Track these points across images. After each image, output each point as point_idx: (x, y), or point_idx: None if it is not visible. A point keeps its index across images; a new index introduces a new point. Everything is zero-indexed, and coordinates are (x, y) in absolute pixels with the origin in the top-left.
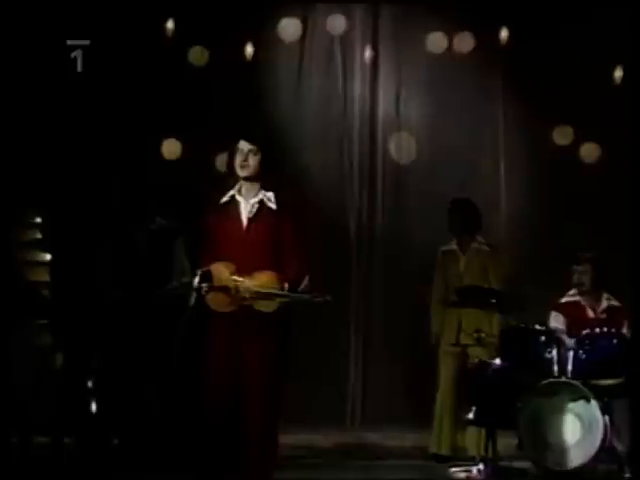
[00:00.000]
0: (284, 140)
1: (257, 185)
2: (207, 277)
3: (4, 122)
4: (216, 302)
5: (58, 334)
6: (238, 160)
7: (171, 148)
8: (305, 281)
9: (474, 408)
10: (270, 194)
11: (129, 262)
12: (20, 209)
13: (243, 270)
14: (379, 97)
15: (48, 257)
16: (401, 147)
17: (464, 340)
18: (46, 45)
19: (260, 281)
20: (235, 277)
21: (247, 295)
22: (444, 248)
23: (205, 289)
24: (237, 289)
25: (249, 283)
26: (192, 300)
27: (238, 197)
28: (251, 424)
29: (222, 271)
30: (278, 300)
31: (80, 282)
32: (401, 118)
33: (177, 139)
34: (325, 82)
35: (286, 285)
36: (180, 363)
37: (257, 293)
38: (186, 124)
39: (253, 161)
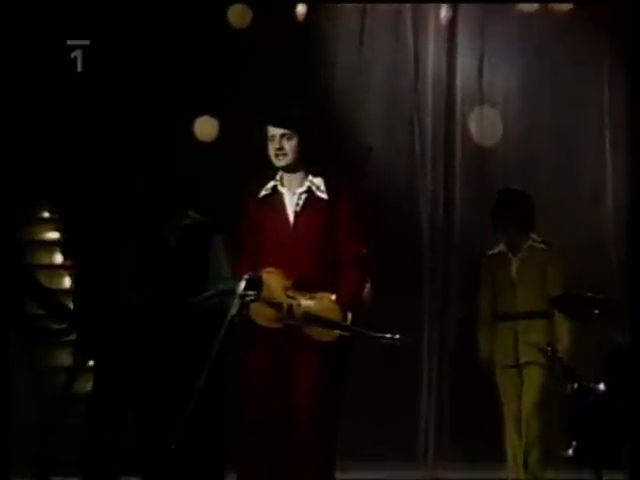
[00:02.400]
0: (342, 117)
1: (302, 172)
2: (255, 284)
3: (10, 119)
4: (261, 315)
5: (84, 352)
6: (271, 148)
7: (205, 128)
8: (366, 289)
9: (574, 443)
10: (319, 180)
11: (157, 265)
12: (29, 205)
13: (297, 279)
14: (457, 65)
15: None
16: (483, 125)
17: (523, 358)
18: (47, 45)
19: (321, 306)
20: (291, 294)
21: (300, 318)
22: (491, 252)
23: (251, 298)
24: (291, 309)
25: (306, 304)
26: (234, 309)
27: (281, 188)
28: (302, 458)
29: (274, 281)
30: (337, 332)
31: (104, 289)
32: (484, 90)
33: (212, 117)
34: (392, 48)
35: (350, 316)
36: (215, 381)
37: (314, 319)
38: (224, 98)
39: (290, 147)
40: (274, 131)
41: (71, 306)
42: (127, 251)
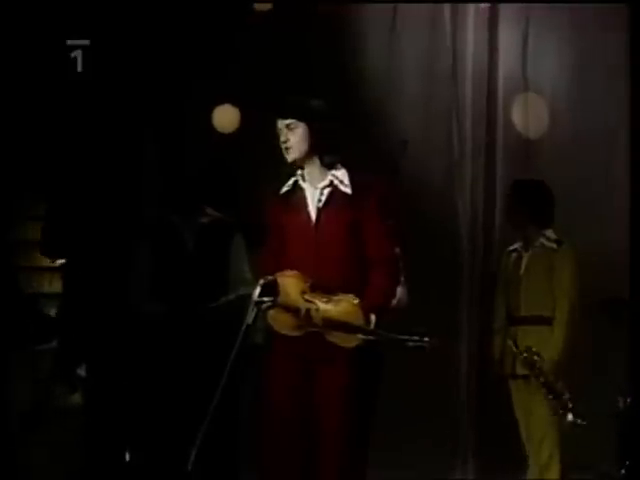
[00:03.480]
0: (373, 109)
1: (318, 165)
2: (271, 289)
3: (10, 120)
4: (280, 322)
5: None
6: (280, 143)
7: (225, 118)
8: (398, 295)
9: (627, 462)
10: (342, 173)
11: (172, 267)
12: (25, 200)
13: (315, 281)
14: (499, 50)
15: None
16: (528, 114)
17: (521, 369)
18: (47, 45)
19: (340, 309)
20: (308, 297)
21: (320, 323)
22: (510, 248)
23: (267, 305)
24: (309, 314)
25: (325, 308)
26: (251, 317)
27: (302, 183)
28: (329, 472)
29: (291, 285)
30: (360, 337)
31: (105, 294)
32: (528, 76)
33: (233, 105)
34: (427, 34)
35: (373, 318)
36: (232, 397)
37: (333, 324)
38: (245, 86)
39: (295, 138)
40: (279, 124)
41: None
42: (140, 253)
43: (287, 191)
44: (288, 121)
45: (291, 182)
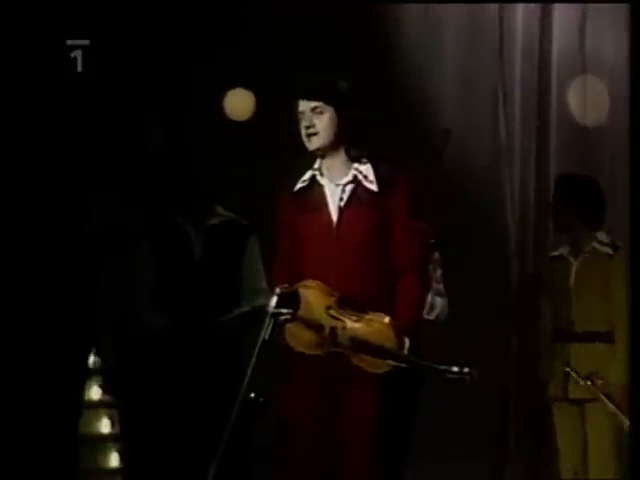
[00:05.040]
0: (411, 96)
1: (342, 157)
2: (290, 300)
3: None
4: (298, 339)
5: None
6: (302, 127)
7: (239, 103)
8: (438, 308)
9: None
10: (366, 168)
11: (178, 275)
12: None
13: (341, 294)
14: (553, 27)
15: None
16: (586, 100)
17: (574, 393)
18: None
19: (370, 329)
20: (334, 313)
21: (346, 344)
22: (554, 253)
23: (286, 317)
24: (334, 332)
25: (353, 327)
26: (267, 332)
27: (320, 178)
28: None
29: (314, 298)
30: (390, 362)
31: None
32: (586, 56)
33: (248, 89)
34: (472, 8)
35: (407, 342)
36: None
37: (362, 346)
38: (262, 67)
39: (321, 124)
40: (303, 106)
41: None
42: (141, 259)
43: (303, 187)
44: (314, 104)
45: (307, 177)
